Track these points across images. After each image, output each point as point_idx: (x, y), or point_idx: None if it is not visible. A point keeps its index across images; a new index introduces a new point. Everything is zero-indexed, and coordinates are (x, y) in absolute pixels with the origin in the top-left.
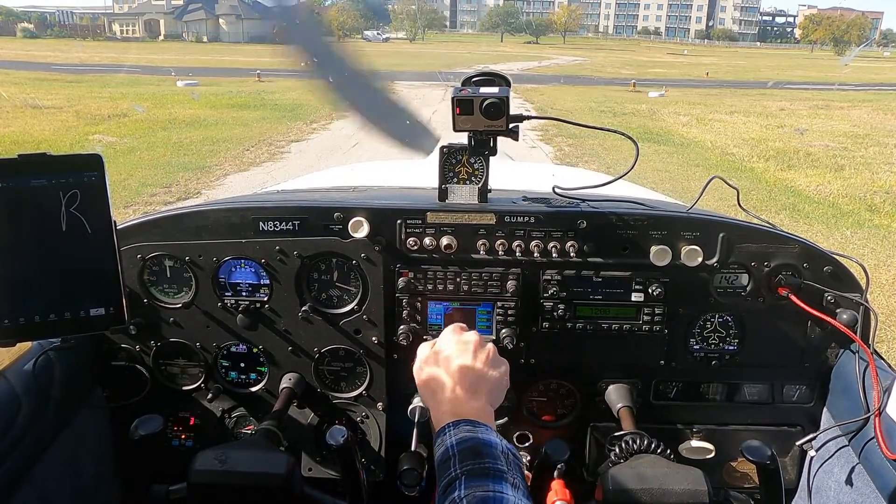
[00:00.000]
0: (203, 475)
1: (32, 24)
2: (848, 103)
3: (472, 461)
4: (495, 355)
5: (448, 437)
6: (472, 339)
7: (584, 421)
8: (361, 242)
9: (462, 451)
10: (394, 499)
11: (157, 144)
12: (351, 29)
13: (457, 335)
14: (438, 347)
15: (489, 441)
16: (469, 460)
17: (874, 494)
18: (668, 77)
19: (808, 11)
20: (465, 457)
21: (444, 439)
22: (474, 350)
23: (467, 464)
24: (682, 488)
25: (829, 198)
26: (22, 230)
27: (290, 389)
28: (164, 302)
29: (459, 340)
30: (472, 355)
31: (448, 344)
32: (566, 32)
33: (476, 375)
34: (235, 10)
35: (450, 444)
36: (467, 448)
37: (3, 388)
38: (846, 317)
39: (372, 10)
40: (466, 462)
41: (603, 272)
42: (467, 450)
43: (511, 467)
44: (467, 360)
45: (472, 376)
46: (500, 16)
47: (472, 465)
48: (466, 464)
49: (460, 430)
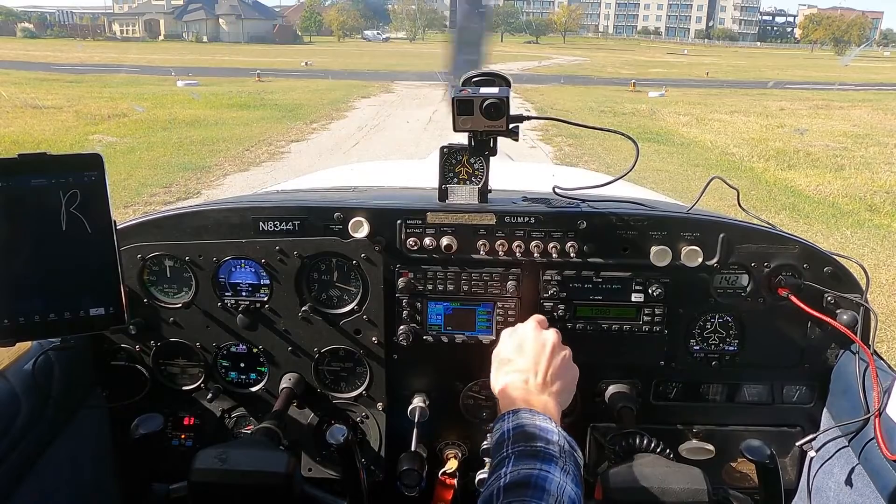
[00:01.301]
0: (203, 474)
1: (32, 24)
2: (848, 103)
3: (525, 443)
4: (570, 359)
5: (506, 423)
6: (553, 338)
7: (584, 421)
8: (361, 242)
9: (517, 434)
10: (394, 499)
11: (157, 144)
12: (351, 29)
13: (538, 332)
14: (521, 339)
15: (545, 428)
16: (521, 442)
17: (874, 495)
18: (668, 77)
19: (808, 11)
20: (518, 439)
21: (501, 424)
22: (552, 349)
23: (519, 445)
24: (682, 487)
25: (829, 198)
26: (22, 230)
27: (289, 389)
28: (164, 302)
29: (540, 338)
30: (551, 354)
31: (530, 339)
32: (566, 32)
33: (551, 374)
34: (235, 10)
35: (506, 429)
36: (521, 431)
37: (3, 388)
38: (846, 317)
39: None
40: (518, 444)
41: (603, 272)
42: (521, 433)
43: (564, 455)
44: (544, 358)
45: (547, 374)
46: (500, 16)
47: (523, 446)
48: (518, 445)
49: (519, 417)
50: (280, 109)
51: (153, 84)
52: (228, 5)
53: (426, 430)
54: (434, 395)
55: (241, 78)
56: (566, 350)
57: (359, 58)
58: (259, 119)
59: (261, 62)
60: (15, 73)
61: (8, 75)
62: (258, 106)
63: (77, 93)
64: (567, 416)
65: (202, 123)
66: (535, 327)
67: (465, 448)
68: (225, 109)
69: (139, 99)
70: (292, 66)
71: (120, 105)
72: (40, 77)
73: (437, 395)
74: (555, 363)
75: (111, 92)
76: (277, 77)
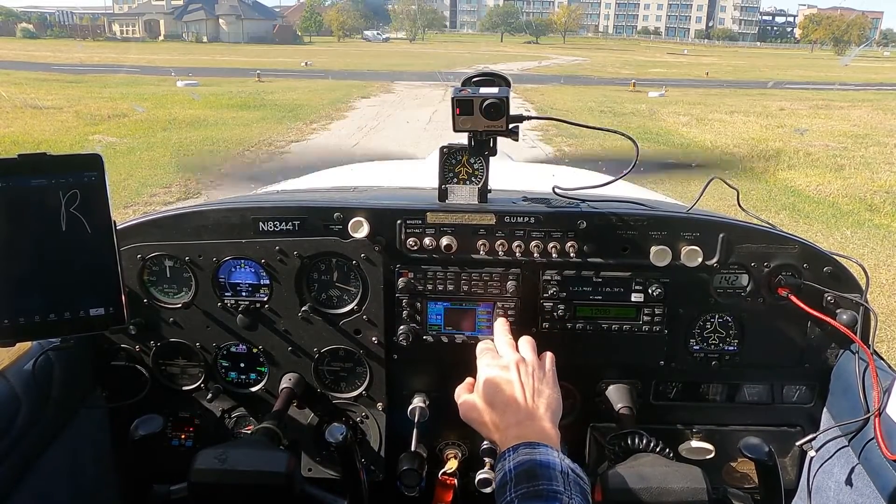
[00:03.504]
0: (203, 474)
1: (32, 24)
2: (848, 103)
3: (527, 484)
4: (538, 366)
5: (507, 462)
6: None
7: (584, 421)
8: (361, 242)
9: (518, 474)
10: (394, 499)
11: (157, 145)
12: (351, 29)
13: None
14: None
15: (547, 462)
16: (524, 483)
17: (874, 495)
18: (668, 77)
19: (808, 11)
20: (521, 480)
21: (503, 464)
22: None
23: (521, 487)
24: (682, 486)
25: (829, 198)
26: (22, 230)
27: (289, 389)
28: (163, 302)
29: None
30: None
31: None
32: (566, 32)
33: (530, 398)
34: (235, 10)
35: (508, 469)
36: (523, 471)
37: (3, 388)
38: (846, 317)
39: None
40: (521, 486)
41: (603, 272)
42: (523, 472)
43: (569, 487)
44: (517, 391)
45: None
46: (499, 16)
47: (526, 488)
48: (521, 487)
49: (519, 454)
50: (280, 110)
51: (153, 84)
52: (228, 6)
53: (426, 430)
54: (434, 395)
55: (241, 78)
56: (529, 361)
57: (359, 58)
58: (259, 119)
59: (261, 62)
60: (15, 73)
61: (8, 75)
62: (258, 106)
63: (77, 93)
64: (567, 416)
65: (202, 124)
66: (488, 365)
67: (465, 448)
68: (225, 110)
69: (139, 99)
70: (292, 67)
71: (120, 105)
72: (40, 77)
73: (437, 395)
74: (528, 386)
75: (111, 92)
76: (277, 77)
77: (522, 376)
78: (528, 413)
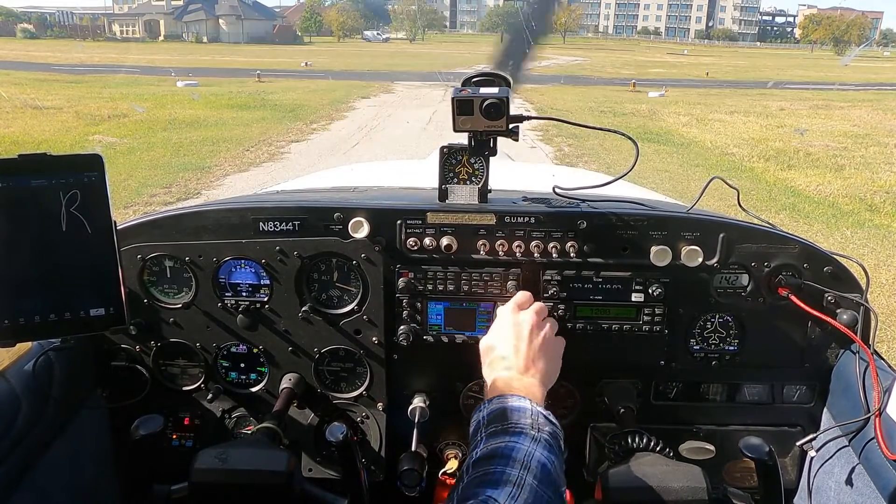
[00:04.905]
0: (204, 474)
1: (32, 24)
2: (848, 103)
3: (497, 424)
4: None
5: (481, 412)
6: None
7: (584, 421)
8: (361, 243)
9: (489, 419)
10: (394, 499)
11: (157, 145)
12: (351, 29)
13: (515, 315)
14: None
15: (519, 407)
16: (493, 424)
17: (874, 495)
18: (668, 77)
19: (808, 11)
20: (491, 422)
21: (477, 415)
22: (530, 331)
23: (491, 427)
24: (681, 485)
25: (829, 198)
26: (22, 230)
27: (290, 390)
28: (164, 302)
29: (517, 320)
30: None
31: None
32: (566, 32)
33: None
34: (235, 10)
35: (481, 418)
36: (493, 416)
37: (3, 388)
38: (846, 317)
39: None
40: (490, 426)
41: (603, 272)
42: (493, 417)
43: (538, 426)
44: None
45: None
46: (499, 16)
47: (495, 427)
48: (490, 427)
49: (492, 404)
50: (280, 110)
51: (153, 84)
52: (228, 6)
53: (426, 430)
54: (434, 395)
55: (241, 78)
56: (546, 327)
57: (359, 58)
58: (259, 119)
59: (261, 62)
60: (15, 73)
61: (8, 76)
62: (258, 106)
63: (77, 93)
64: (567, 416)
65: (202, 124)
66: (512, 310)
67: (465, 448)
68: (225, 110)
69: (139, 99)
70: (292, 67)
71: (120, 105)
72: (40, 77)
73: (437, 395)
74: (535, 344)
75: (111, 92)
76: (277, 77)
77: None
78: (522, 368)
